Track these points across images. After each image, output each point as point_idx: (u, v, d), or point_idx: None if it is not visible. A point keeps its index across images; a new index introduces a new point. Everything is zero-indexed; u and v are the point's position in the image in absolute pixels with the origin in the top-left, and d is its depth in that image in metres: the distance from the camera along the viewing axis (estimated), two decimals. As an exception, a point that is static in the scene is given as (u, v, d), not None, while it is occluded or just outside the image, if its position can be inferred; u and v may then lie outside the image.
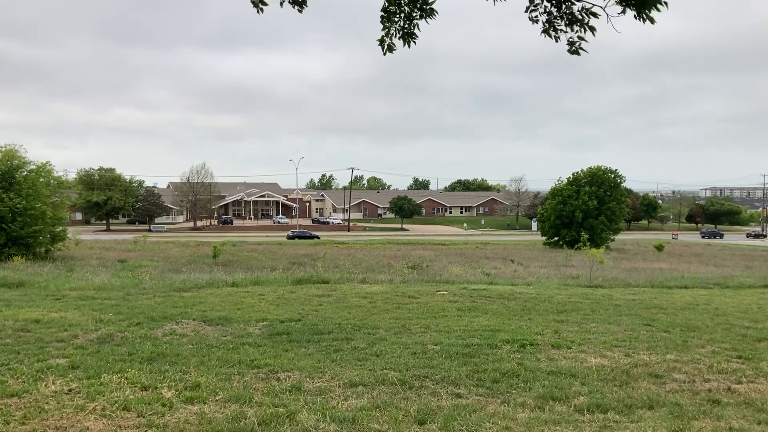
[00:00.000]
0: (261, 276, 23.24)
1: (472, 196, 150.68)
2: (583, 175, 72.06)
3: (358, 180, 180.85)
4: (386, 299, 16.23)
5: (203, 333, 11.26)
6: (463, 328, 11.97)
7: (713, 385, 8.12)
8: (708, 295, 19.89)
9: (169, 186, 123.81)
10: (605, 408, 6.98)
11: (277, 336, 10.97)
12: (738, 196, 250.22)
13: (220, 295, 17.07)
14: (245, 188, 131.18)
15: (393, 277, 24.01)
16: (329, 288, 18.96)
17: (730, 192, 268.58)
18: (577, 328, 12.25)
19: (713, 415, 6.86)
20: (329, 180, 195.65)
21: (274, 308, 14.47)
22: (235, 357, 9.18)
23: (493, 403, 7.14)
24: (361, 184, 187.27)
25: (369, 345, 10.22)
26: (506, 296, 17.35)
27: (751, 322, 13.66)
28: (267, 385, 7.72)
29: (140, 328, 11.55)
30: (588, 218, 67.48)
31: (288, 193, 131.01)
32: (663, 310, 15.36)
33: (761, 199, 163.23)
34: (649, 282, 24.62)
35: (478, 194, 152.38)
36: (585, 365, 9.08)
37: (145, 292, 17.51)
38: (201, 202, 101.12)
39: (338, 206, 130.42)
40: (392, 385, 7.80)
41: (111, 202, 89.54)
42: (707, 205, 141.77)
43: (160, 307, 14.32)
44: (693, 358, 9.64)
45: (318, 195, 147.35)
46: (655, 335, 11.66)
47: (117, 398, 7.00)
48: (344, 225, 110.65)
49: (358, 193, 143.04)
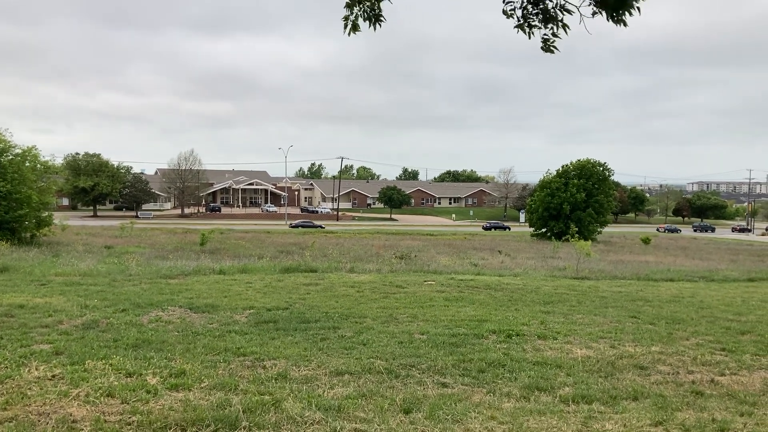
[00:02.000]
0: (248, 264, 23.16)
1: (461, 187, 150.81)
2: (572, 168, 72.25)
3: (347, 169, 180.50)
4: (374, 288, 16.23)
5: (189, 320, 11.20)
6: (450, 317, 12.00)
7: (697, 377, 8.18)
8: (693, 288, 20.03)
9: (157, 172, 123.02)
10: (590, 399, 7.01)
11: (264, 324, 10.94)
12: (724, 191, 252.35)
13: (207, 282, 16.99)
14: (234, 176, 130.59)
15: (381, 266, 24.00)
16: (317, 277, 18.93)
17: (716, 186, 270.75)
18: (563, 320, 12.30)
19: (696, 407, 6.91)
20: (319, 169, 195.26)
21: (261, 296, 14.43)
22: (221, 344, 9.15)
23: (478, 393, 7.16)
24: (351, 173, 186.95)
25: (356, 334, 10.21)
26: (493, 287, 17.40)
27: (734, 315, 13.77)
28: (253, 373, 7.69)
29: (126, 314, 11.48)
30: (576, 210, 67.75)
31: (277, 182, 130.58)
32: (649, 303, 15.45)
33: (747, 193, 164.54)
34: (635, 274, 24.75)
35: (467, 185, 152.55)
36: (571, 356, 9.12)
37: (131, 278, 17.40)
38: (189, 189, 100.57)
39: (327, 195, 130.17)
40: (378, 373, 7.80)
41: (98, 188, 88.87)
42: (694, 199, 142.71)
43: (146, 294, 14.25)
44: (677, 350, 9.70)
45: (307, 184, 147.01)
46: (640, 327, 11.73)
47: (101, 384, 6.95)
48: (333, 214, 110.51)
49: (348, 182, 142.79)
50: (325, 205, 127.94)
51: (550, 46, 5.96)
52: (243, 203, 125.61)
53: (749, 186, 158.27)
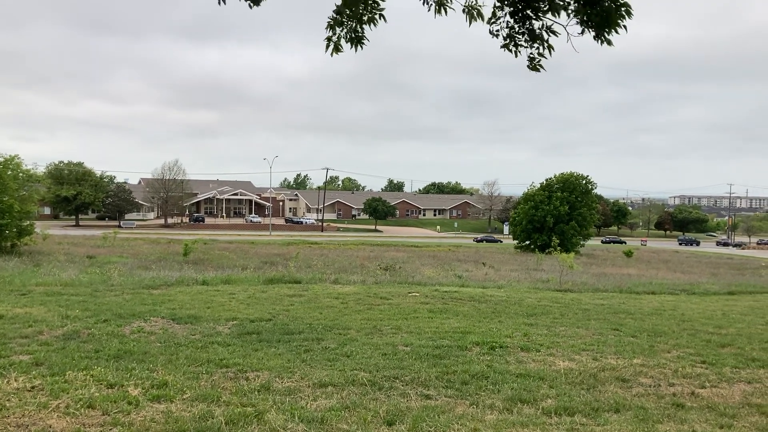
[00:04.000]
0: (232, 275, 23.04)
1: (446, 198, 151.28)
2: (556, 181, 72.78)
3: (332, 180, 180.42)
4: (358, 300, 16.21)
5: (172, 331, 11.13)
6: (434, 329, 12.01)
7: (678, 390, 8.25)
8: (675, 301, 20.21)
9: (141, 182, 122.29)
10: (572, 411, 7.05)
11: (247, 335, 10.89)
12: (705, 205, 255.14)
13: (190, 293, 16.89)
14: (218, 186, 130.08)
15: (365, 278, 23.98)
16: (301, 288, 18.88)
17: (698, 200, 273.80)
18: (546, 332, 12.36)
19: (677, 419, 6.97)
20: (304, 180, 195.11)
21: (245, 307, 14.36)
22: (203, 356, 9.09)
23: (461, 405, 7.17)
24: (336, 184, 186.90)
25: (340, 345, 10.19)
26: (477, 299, 17.44)
27: (715, 328, 13.90)
28: (235, 385, 7.65)
29: (107, 325, 11.38)
30: (559, 223, 68.19)
31: (261, 192, 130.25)
32: (631, 315, 15.56)
33: (728, 207, 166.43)
34: (617, 287, 24.91)
35: (452, 197, 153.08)
36: (553, 368, 9.16)
37: (113, 288, 17.26)
38: (172, 199, 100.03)
39: (312, 206, 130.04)
40: (362, 385, 7.79)
41: (81, 197, 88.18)
42: (676, 213, 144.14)
43: (128, 305, 14.13)
44: (659, 363, 9.78)
45: (292, 194, 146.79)
46: (622, 340, 11.81)
47: (81, 396, 6.89)
48: (318, 225, 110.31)
49: (333, 193, 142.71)
50: (309, 215, 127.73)
51: (536, 65, 6.02)
52: (227, 214, 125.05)
53: (730, 200, 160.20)
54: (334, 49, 6.27)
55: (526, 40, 5.92)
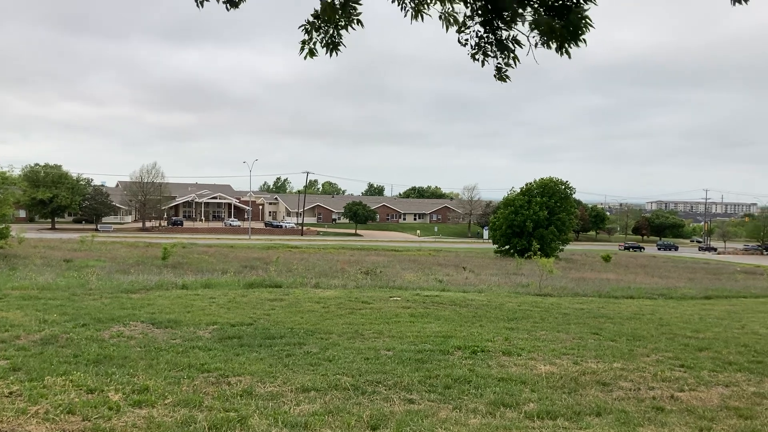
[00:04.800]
0: (212, 279, 22.89)
1: (426, 203, 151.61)
2: (535, 186, 73.32)
3: (312, 184, 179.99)
4: (339, 304, 16.18)
5: (152, 336, 11.02)
6: (416, 333, 12.02)
7: (657, 393, 8.34)
8: (653, 306, 20.43)
9: (118, 185, 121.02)
10: (555, 415, 7.10)
11: (228, 340, 10.82)
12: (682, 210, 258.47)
13: (170, 297, 16.74)
14: (197, 189, 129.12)
15: (346, 282, 23.95)
16: (282, 292, 18.80)
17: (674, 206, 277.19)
18: (527, 336, 12.43)
19: (657, 422, 7.04)
20: (284, 183, 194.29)
21: (225, 312, 14.27)
22: (184, 360, 9.02)
23: (445, 409, 7.19)
24: (316, 188, 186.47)
25: (322, 350, 10.17)
26: (458, 303, 17.49)
27: (692, 332, 14.08)
28: (217, 390, 7.60)
29: (86, 329, 11.24)
30: (538, 228, 68.65)
31: (241, 196, 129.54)
32: (610, 320, 15.70)
33: (704, 213, 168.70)
34: (596, 292, 25.15)
35: (432, 202, 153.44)
36: (535, 372, 9.22)
37: (91, 292, 17.06)
38: (151, 202, 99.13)
39: (292, 210, 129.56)
40: (345, 390, 7.78)
41: (57, 200, 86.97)
42: (653, 218, 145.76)
43: (107, 309, 13.98)
44: (638, 367, 9.88)
45: (272, 198, 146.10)
46: (602, 344, 11.91)
47: (61, 401, 6.79)
48: (298, 229, 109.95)
49: (313, 197, 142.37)
50: (289, 219, 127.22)
51: (503, 75, 6.07)
52: (206, 217, 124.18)
53: (705, 206, 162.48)
54: (308, 53, 6.27)
55: (493, 51, 5.96)
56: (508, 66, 5.96)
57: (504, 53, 5.90)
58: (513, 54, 5.86)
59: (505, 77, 6.05)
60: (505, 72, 6.01)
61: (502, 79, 6.06)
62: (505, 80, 6.06)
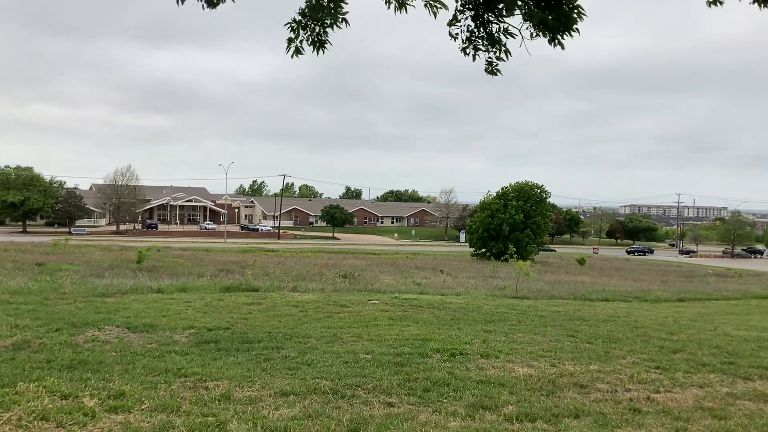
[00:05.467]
0: (188, 282, 22.66)
1: (404, 206, 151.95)
2: (511, 190, 73.92)
3: (289, 187, 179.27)
4: (317, 308, 16.12)
5: (127, 340, 10.88)
6: (395, 337, 12.02)
7: (634, 395, 8.42)
8: (628, 308, 20.67)
9: (92, 188, 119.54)
10: (533, 417, 7.13)
11: (205, 344, 10.72)
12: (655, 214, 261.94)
13: (145, 301, 16.55)
14: (172, 192, 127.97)
15: (324, 285, 23.88)
16: (259, 296, 18.67)
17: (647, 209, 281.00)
18: (504, 338, 12.49)
19: (634, 423, 7.11)
20: (260, 186, 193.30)
21: (202, 316, 14.14)
22: (161, 365, 8.91)
23: (424, 412, 7.19)
24: (293, 191, 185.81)
25: (300, 354, 10.12)
26: (436, 306, 17.53)
27: (667, 334, 14.26)
28: (195, 394, 7.52)
29: (60, 334, 11.05)
30: (514, 231, 69.19)
31: (216, 199, 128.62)
32: (586, 322, 15.84)
33: (676, 216, 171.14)
34: (572, 294, 25.37)
35: (410, 205, 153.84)
36: (513, 374, 9.26)
37: (65, 296, 16.79)
38: (125, 205, 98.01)
39: (268, 213, 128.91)
40: (324, 394, 7.75)
41: (29, 202, 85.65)
42: (626, 222, 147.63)
43: (81, 313, 13.76)
44: (615, 369, 9.97)
45: (248, 201, 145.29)
46: (578, 346, 12.01)
47: (34, 408, 6.67)
48: (274, 232, 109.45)
49: (290, 200, 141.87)
50: (266, 223, 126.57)
51: (493, 69, 6.09)
52: (181, 220, 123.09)
53: (678, 209, 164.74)
54: (295, 51, 6.25)
55: (485, 44, 5.98)
56: (499, 60, 5.99)
57: (495, 47, 5.92)
58: (504, 48, 5.89)
59: (496, 71, 6.07)
60: (496, 66, 6.04)
61: (492, 73, 6.08)
62: (495, 74, 6.09)
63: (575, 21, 5.47)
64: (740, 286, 39.67)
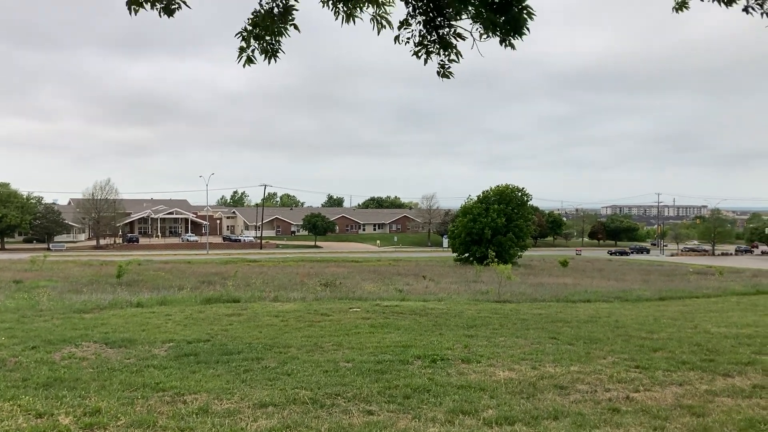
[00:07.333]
0: (168, 296, 22.47)
1: (386, 213, 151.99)
2: (492, 194, 74.20)
3: (271, 197, 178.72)
4: (298, 317, 16.05)
5: (105, 356, 10.75)
6: (376, 344, 11.98)
7: (613, 395, 8.45)
8: (609, 309, 20.78)
9: (71, 203, 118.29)
10: (513, 420, 7.13)
11: (184, 357, 10.61)
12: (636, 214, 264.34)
13: (124, 316, 16.38)
14: (152, 205, 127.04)
15: (306, 294, 23.78)
16: (240, 307, 18.56)
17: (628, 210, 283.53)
18: (486, 343, 12.49)
19: (613, 423, 7.13)
20: (241, 197, 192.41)
21: (182, 329, 14.01)
22: (138, 380, 8.81)
23: (404, 419, 7.16)
24: (274, 201, 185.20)
25: (280, 364, 10.05)
26: (418, 312, 17.51)
27: (647, 333, 14.34)
28: (173, 409, 7.43)
29: (36, 351, 10.90)
30: (497, 235, 69.42)
31: (198, 210, 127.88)
32: (567, 324, 15.90)
33: (657, 216, 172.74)
34: (554, 296, 25.49)
35: (392, 212, 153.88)
36: (494, 378, 9.26)
37: (42, 313, 16.57)
38: (105, 219, 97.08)
39: (250, 223, 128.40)
40: (303, 404, 7.69)
41: (6, 219, 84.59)
42: (608, 223, 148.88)
43: (58, 330, 13.58)
44: (595, 369, 10.01)
45: (229, 212, 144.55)
46: (560, 348, 12.04)
47: (8, 427, 6.56)
48: (256, 243, 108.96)
49: (271, 210, 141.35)
50: (248, 233, 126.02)
51: (446, 71, 6.10)
52: (162, 233, 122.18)
53: (658, 209, 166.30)
54: (247, 60, 6.23)
55: (436, 48, 5.99)
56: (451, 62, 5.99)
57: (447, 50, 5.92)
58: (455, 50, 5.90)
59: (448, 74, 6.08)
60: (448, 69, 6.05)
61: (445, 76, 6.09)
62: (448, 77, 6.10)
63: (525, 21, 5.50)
64: (720, 283, 40.09)
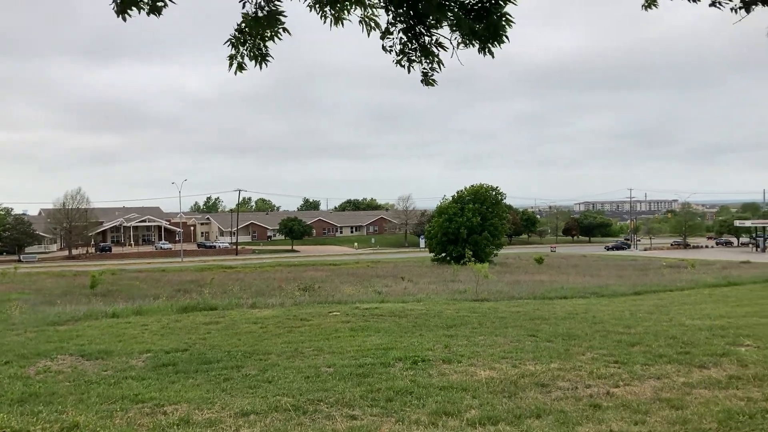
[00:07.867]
0: (144, 305, 22.15)
1: (362, 215, 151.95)
2: (467, 193, 74.58)
3: (246, 202, 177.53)
4: (278, 323, 15.94)
5: (81, 368, 10.57)
6: (356, 348, 11.94)
7: (594, 391, 8.52)
8: (586, 304, 20.95)
9: (41, 213, 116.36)
10: (496, 420, 7.15)
11: (163, 367, 10.48)
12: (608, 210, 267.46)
13: (100, 327, 16.13)
14: (124, 213, 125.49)
15: (284, 300, 23.64)
16: (217, 315, 18.38)
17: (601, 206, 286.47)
18: (466, 342, 12.52)
19: (595, 419, 7.19)
20: (215, 203, 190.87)
21: (159, 338, 13.83)
22: (117, 392, 8.67)
23: (387, 423, 7.14)
24: (249, 206, 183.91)
25: (260, 371, 9.96)
26: (397, 314, 17.50)
27: (624, 328, 14.48)
28: (153, 420, 7.33)
29: (9, 367, 10.68)
30: (473, 234, 69.78)
31: (171, 217, 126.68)
32: (546, 321, 15.99)
33: (629, 211, 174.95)
34: (531, 294, 25.63)
35: (368, 213, 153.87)
36: (475, 378, 9.27)
37: (14, 327, 16.24)
38: (76, 229, 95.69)
39: (225, 229, 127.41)
40: (286, 411, 7.63)
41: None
42: (581, 219, 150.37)
43: (32, 343, 13.32)
44: (575, 366, 10.08)
45: (203, 218, 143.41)
46: (539, 345, 12.10)
47: (-18, 446, 6.41)
48: (232, 249, 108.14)
49: (246, 215, 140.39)
50: (223, 239, 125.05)
51: (429, 79, 6.12)
52: (135, 241, 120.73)
53: (630, 204, 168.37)
54: (237, 67, 6.16)
55: (418, 56, 6.00)
56: (433, 70, 6.00)
57: (429, 58, 5.93)
58: (437, 58, 5.91)
59: (432, 82, 6.09)
60: (431, 77, 6.06)
61: (429, 84, 6.10)
62: (432, 84, 6.11)
63: (503, 29, 5.52)
64: (693, 276, 40.71)
